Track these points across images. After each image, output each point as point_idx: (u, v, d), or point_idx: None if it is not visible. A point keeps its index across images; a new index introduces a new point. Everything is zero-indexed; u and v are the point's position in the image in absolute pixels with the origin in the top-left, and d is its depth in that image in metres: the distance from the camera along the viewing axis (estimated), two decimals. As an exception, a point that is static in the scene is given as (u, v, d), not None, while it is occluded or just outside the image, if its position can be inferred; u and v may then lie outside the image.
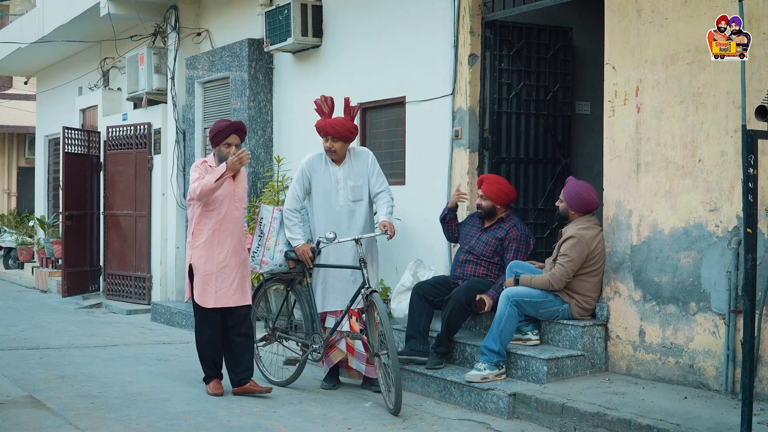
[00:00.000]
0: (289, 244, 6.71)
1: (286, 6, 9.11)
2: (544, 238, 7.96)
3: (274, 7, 9.44)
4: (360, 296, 6.29)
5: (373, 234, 6.55)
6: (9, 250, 17.52)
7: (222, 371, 6.61)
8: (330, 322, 6.61)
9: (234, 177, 6.45)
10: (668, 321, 5.99)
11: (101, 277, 13.05)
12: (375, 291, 6.13)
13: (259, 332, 7.34)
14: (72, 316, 11.26)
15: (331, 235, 6.24)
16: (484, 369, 6.12)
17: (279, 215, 6.78)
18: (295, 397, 6.49)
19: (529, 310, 6.34)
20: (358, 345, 6.52)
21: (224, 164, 6.26)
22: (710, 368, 5.72)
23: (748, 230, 4.67)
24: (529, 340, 6.45)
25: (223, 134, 6.40)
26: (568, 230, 6.45)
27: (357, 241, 6.38)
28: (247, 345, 6.58)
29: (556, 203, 6.60)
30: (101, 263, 13.00)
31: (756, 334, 5.30)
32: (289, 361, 6.82)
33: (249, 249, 6.73)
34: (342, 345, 6.59)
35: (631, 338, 6.21)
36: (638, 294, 6.19)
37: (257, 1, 10.09)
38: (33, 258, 16.61)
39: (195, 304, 6.43)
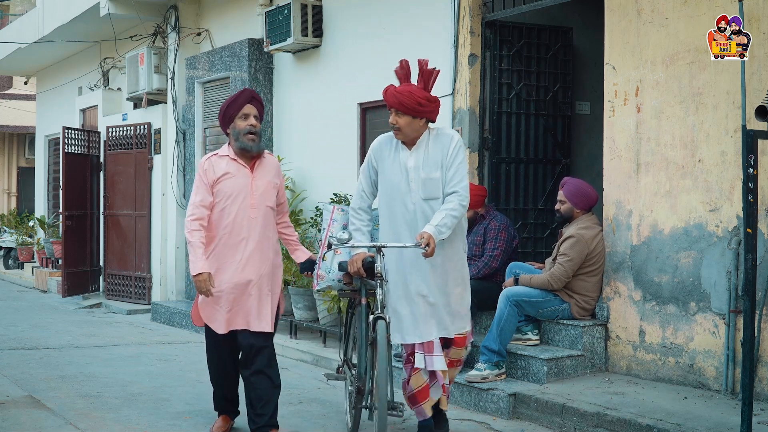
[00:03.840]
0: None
1: (286, 6, 9.12)
2: (544, 238, 7.96)
3: (274, 7, 9.44)
4: (436, 325, 4.97)
5: (406, 245, 4.82)
6: (9, 250, 17.53)
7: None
8: (421, 361, 4.99)
9: (252, 165, 5.17)
10: (668, 321, 5.99)
11: (101, 277, 13.05)
12: (381, 317, 4.75)
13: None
14: (72, 316, 11.26)
15: (345, 235, 4.84)
16: (484, 369, 6.12)
17: (340, 216, 5.45)
18: (295, 397, 6.49)
19: (529, 310, 6.34)
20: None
21: (197, 259, 4.98)
22: (710, 368, 5.72)
23: (748, 230, 4.67)
24: (529, 340, 6.45)
25: (237, 104, 5.14)
26: (568, 230, 6.45)
27: (378, 249, 4.84)
28: (265, 386, 5.14)
29: (557, 207, 6.55)
30: (101, 263, 13.00)
31: (756, 334, 5.30)
32: (331, 377, 5.67)
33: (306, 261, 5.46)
34: (437, 390, 5.06)
35: (631, 338, 6.21)
36: (638, 294, 6.19)
37: (257, 1, 10.09)
38: (33, 258, 16.62)
39: (205, 327, 5.31)
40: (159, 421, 5.69)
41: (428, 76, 4.99)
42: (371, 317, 4.78)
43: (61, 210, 12.85)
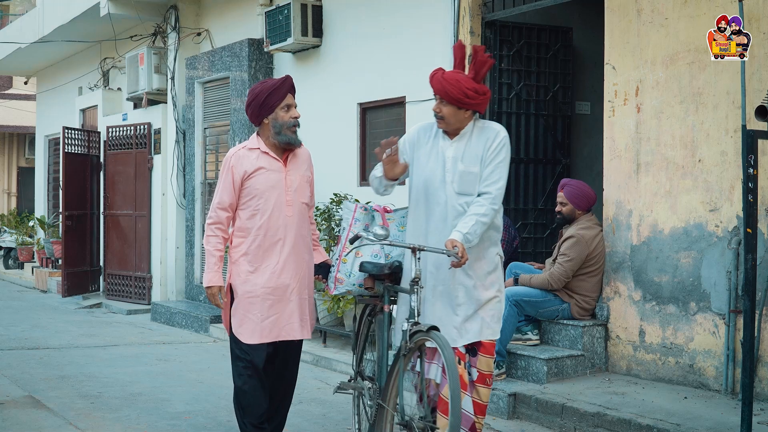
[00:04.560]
0: (377, 257, 4.72)
1: (286, 6, 9.12)
2: (544, 238, 7.96)
3: (274, 7, 9.44)
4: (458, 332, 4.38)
5: (438, 249, 4.27)
6: (9, 250, 17.53)
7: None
8: (435, 372, 4.47)
9: (286, 159, 4.68)
10: (668, 321, 5.99)
11: (101, 277, 13.06)
12: (433, 328, 4.11)
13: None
14: (72, 316, 11.26)
15: (382, 232, 4.30)
16: (484, 369, 6.10)
17: (362, 216, 4.84)
18: (295, 397, 6.48)
19: (529, 310, 6.34)
20: (466, 404, 4.44)
21: (209, 269, 4.58)
22: (710, 368, 5.72)
23: (748, 230, 4.67)
24: (529, 340, 6.45)
25: (280, 93, 4.61)
26: (568, 230, 6.45)
27: (414, 251, 4.27)
28: (287, 393, 4.88)
29: (558, 209, 6.55)
30: (101, 263, 13.00)
31: (756, 334, 5.30)
32: (342, 388, 5.01)
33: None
34: (468, 404, 4.49)
35: (631, 338, 6.21)
36: (638, 294, 6.19)
37: (257, 1, 10.09)
38: (33, 258, 16.62)
39: (232, 337, 4.68)
40: (159, 421, 5.69)
41: (480, 65, 4.44)
42: (408, 327, 4.18)
43: (61, 210, 12.86)
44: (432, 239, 4.41)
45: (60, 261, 13.37)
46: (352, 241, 4.47)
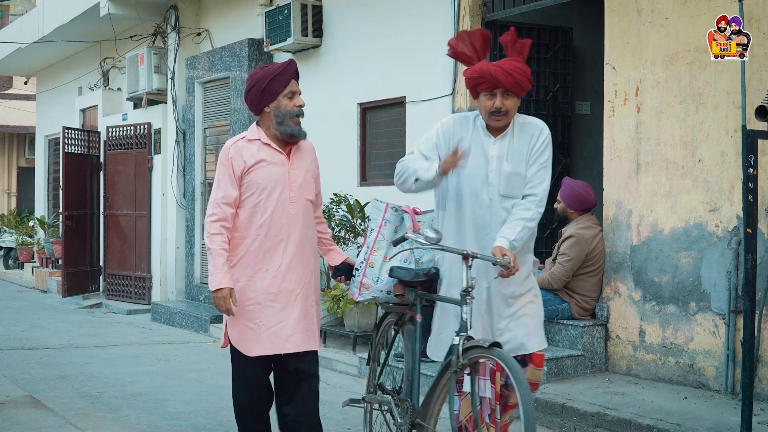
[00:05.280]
0: (406, 261, 4.32)
1: (286, 6, 9.12)
2: (544, 238, 7.96)
3: (274, 7, 9.45)
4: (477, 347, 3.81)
5: (490, 257, 3.89)
6: (9, 250, 17.54)
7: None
8: (490, 390, 4.08)
9: (288, 151, 4.28)
10: (668, 321, 5.99)
11: (101, 277, 13.06)
12: (495, 344, 3.73)
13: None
14: (72, 316, 11.26)
15: (434, 235, 3.89)
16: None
17: (393, 217, 4.44)
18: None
19: (529, 310, 6.33)
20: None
21: (216, 270, 4.11)
22: (710, 368, 5.72)
23: (748, 230, 4.67)
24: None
25: (283, 79, 4.21)
26: (567, 230, 6.46)
27: (466, 258, 3.87)
28: (307, 407, 4.34)
29: (555, 205, 6.59)
30: (101, 263, 13.00)
31: (756, 334, 5.30)
32: (355, 401, 4.64)
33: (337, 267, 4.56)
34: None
35: (631, 338, 6.21)
36: (638, 294, 6.19)
37: (257, 1, 10.09)
38: (33, 258, 16.63)
39: (233, 350, 4.29)
40: (159, 421, 5.69)
41: (523, 47, 4.20)
42: (460, 341, 3.78)
43: (61, 210, 12.87)
44: (472, 244, 4.05)
45: (60, 261, 13.37)
46: (396, 243, 4.11)
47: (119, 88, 13.31)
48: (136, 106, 12.41)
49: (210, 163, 10.97)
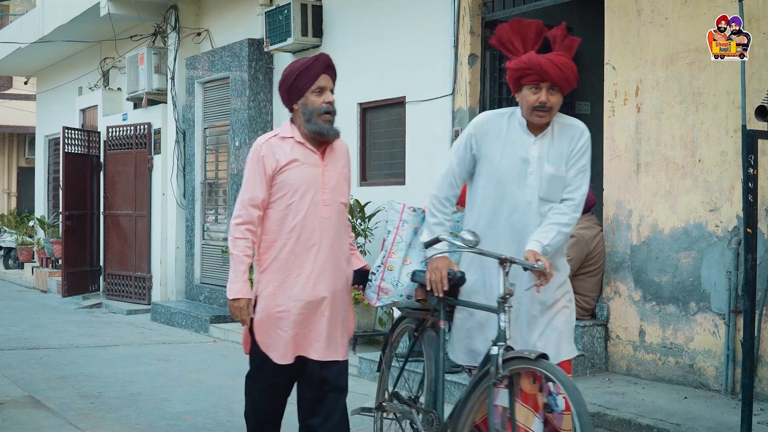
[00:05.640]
0: (426, 263, 4.03)
1: (286, 6, 9.12)
2: (544, 238, 7.96)
3: (274, 7, 9.45)
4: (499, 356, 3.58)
5: (528, 262, 3.66)
6: (9, 250, 17.54)
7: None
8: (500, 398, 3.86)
9: (323, 151, 4.07)
10: (668, 321, 5.99)
11: (101, 277, 13.06)
12: (542, 356, 3.50)
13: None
14: (72, 316, 11.26)
15: (471, 237, 3.67)
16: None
17: (411, 217, 4.26)
18: (295, 396, 6.48)
19: (529, 310, 6.32)
20: (537, 426, 3.75)
21: (236, 278, 3.94)
22: (710, 368, 5.72)
23: (748, 230, 4.67)
24: (529, 340, 6.44)
25: (310, 74, 4.01)
26: (568, 230, 6.44)
27: (503, 263, 3.64)
28: (339, 400, 4.16)
29: None
30: (101, 263, 13.01)
31: (756, 334, 5.30)
32: (366, 410, 4.43)
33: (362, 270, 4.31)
34: (539, 427, 3.80)
35: (631, 338, 6.21)
36: (638, 294, 6.19)
37: (257, 1, 10.09)
38: (33, 258, 16.63)
39: (254, 349, 4.10)
40: (159, 421, 5.69)
41: (573, 43, 3.91)
42: (499, 351, 3.55)
43: (61, 210, 12.87)
44: (506, 249, 3.78)
45: (60, 261, 13.37)
46: (428, 245, 3.89)
47: (119, 88, 13.31)
48: (136, 106, 12.41)
49: (210, 163, 10.98)
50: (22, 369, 7.39)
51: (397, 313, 4.79)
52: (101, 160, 12.93)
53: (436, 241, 3.81)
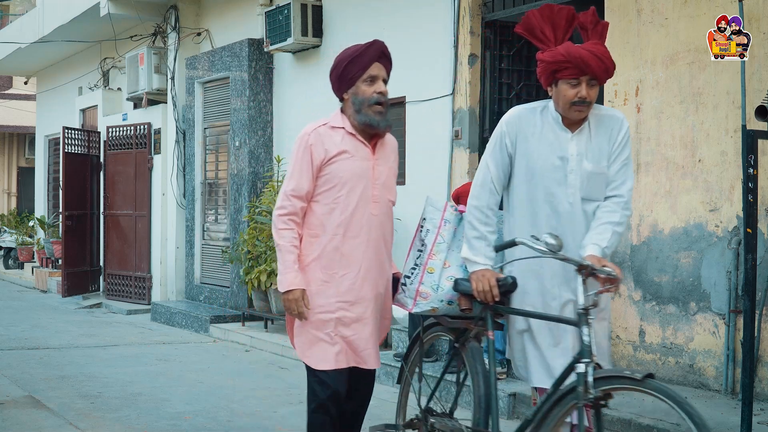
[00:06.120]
0: (466, 267, 3.79)
1: (286, 6, 9.12)
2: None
3: (274, 7, 9.45)
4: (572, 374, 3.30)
5: (605, 269, 3.34)
6: (9, 250, 17.54)
7: None
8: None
9: (374, 144, 3.86)
10: (668, 321, 5.99)
11: (101, 277, 13.06)
12: (649, 375, 3.20)
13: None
14: (72, 316, 11.26)
15: (553, 241, 3.33)
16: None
17: (453, 217, 3.94)
18: (295, 397, 6.49)
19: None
20: None
21: (287, 269, 3.74)
22: (710, 368, 5.73)
23: (748, 230, 4.67)
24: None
25: (361, 62, 3.78)
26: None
27: (581, 269, 3.33)
28: (360, 414, 4.01)
29: None
30: (101, 263, 13.01)
31: (756, 334, 5.30)
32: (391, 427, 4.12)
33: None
34: None
35: (631, 338, 6.21)
36: (638, 294, 6.19)
37: (257, 1, 10.09)
38: (33, 258, 16.63)
39: (311, 376, 3.84)
40: (159, 421, 5.69)
41: (604, 29, 3.65)
42: (587, 368, 3.20)
43: (61, 210, 12.87)
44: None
45: (60, 261, 13.37)
46: (499, 249, 3.62)
47: (119, 88, 13.31)
48: (136, 106, 12.41)
49: (210, 163, 10.98)
50: (22, 369, 7.39)
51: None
52: (101, 160, 12.93)
53: (512, 244, 3.50)
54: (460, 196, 6.53)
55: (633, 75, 6.23)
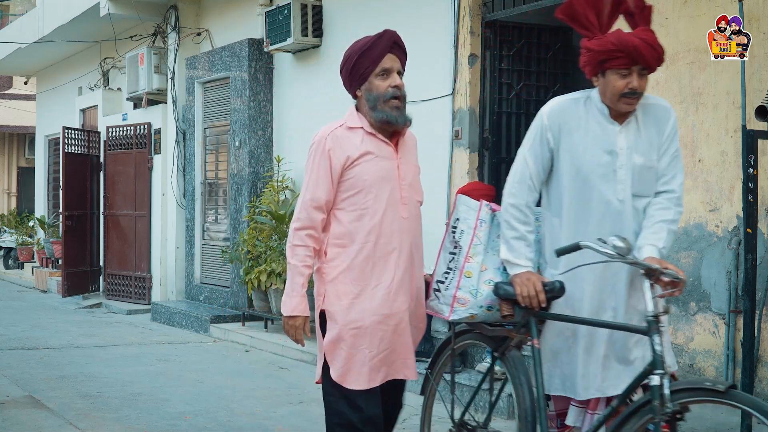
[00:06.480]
0: (505, 270, 3.59)
1: (286, 6, 9.12)
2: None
3: (274, 7, 9.45)
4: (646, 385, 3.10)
5: (674, 273, 3.16)
6: (9, 250, 17.54)
7: None
8: (574, 418, 3.54)
9: (396, 142, 3.60)
10: (668, 321, 5.98)
11: (101, 277, 13.06)
12: (732, 386, 2.92)
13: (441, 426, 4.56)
14: (72, 316, 11.26)
15: (621, 244, 3.14)
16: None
17: (489, 216, 3.70)
18: (295, 397, 6.49)
19: (530, 310, 6.30)
20: None
21: (293, 292, 3.48)
22: (710, 368, 5.72)
23: (748, 230, 4.67)
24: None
25: (372, 55, 3.50)
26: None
27: (650, 273, 3.14)
28: (390, 424, 3.75)
29: None
30: (101, 263, 13.01)
31: (756, 334, 5.30)
32: None
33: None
34: None
35: (631, 338, 6.21)
36: (638, 294, 6.18)
37: (257, 1, 10.09)
38: (33, 258, 16.63)
39: (329, 385, 3.51)
40: (159, 421, 5.69)
41: (650, 13, 3.43)
42: (661, 381, 2.99)
43: (61, 210, 12.87)
44: (593, 257, 3.29)
45: (60, 261, 13.37)
46: (562, 253, 3.33)
47: (119, 88, 13.31)
48: (136, 106, 12.41)
49: (210, 163, 10.98)
50: (22, 369, 7.39)
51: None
52: (101, 160, 12.93)
53: (576, 248, 3.24)
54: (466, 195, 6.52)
55: (633, 75, 6.22)
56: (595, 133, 3.40)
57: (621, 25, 3.47)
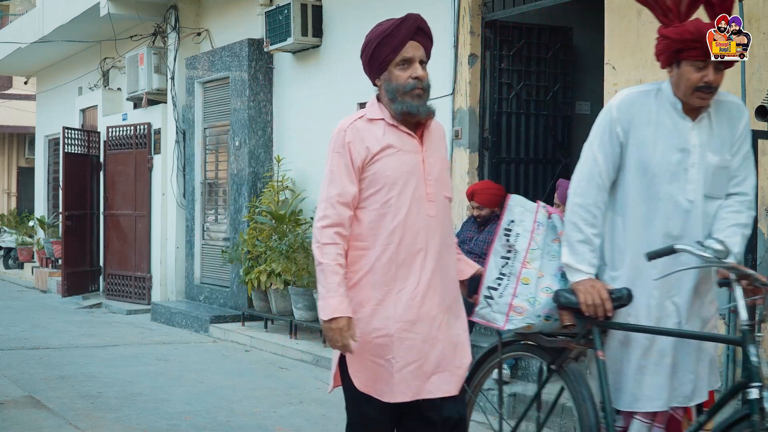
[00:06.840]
0: (563, 276, 3.34)
1: (286, 6, 9.12)
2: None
3: (274, 7, 9.45)
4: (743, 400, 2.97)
5: (762, 278, 3.01)
6: (9, 250, 17.54)
7: None
8: None
9: (421, 134, 3.26)
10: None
11: (101, 277, 13.06)
12: None
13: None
14: (72, 316, 11.26)
15: (720, 247, 2.99)
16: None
17: (546, 220, 3.52)
18: (295, 397, 6.49)
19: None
20: None
21: (329, 293, 3.08)
22: (710, 368, 5.72)
23: (748, 230, 4.67)
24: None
25: (393, 42, 3.32)
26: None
27: (741, 279, 2.99)
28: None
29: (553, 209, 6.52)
30: (101, 263, 13.01)
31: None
32: None
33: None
34: None
35: (631, 338, 6.21)
36: (638, 294, 6.18)
37: (257, 1, 10.09)
38: (33, 258, 16.63)
39: (350, 391, 3.22)
40: (159, 421, 5.69)
41: (732, 5, 3.31)
42: (764, 395, 2.82)
43: (61, 210, 12.87)
44: (661, 262, 3.12)
45: (60, 261, 13.37)
46: (653, 257, 3.09)
47: (119, 88, 13.31)
48: (136, 106, 12.41)
49: (210, 163, 10.98)
50: (22, 369, 7.39)
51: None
52: (101, 160, 12.93)
53: (671, 251, 3.03)
54: (474, 193, 6.57)
55: (633, 75, 6.22)
56: (667, 128, 3.20)
57: (701, 15, 3.34)
